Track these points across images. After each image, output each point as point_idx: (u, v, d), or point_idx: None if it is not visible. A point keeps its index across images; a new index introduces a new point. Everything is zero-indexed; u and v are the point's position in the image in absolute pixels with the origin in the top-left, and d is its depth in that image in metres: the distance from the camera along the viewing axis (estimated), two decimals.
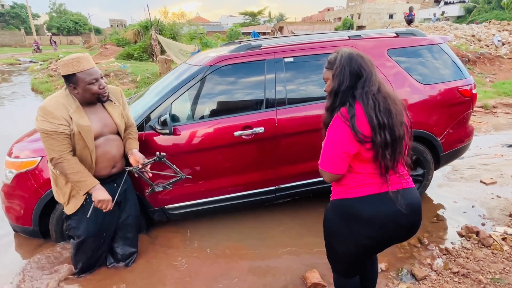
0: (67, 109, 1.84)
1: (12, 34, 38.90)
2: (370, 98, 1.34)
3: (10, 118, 7.27)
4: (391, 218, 1.37)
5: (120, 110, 2.09)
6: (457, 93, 2.88)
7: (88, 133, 1.88)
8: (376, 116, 1.31)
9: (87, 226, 2.11)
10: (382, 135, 1.30)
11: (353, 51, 1.45)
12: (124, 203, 2.28)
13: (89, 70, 1.83)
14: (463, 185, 3.53)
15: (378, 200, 1.37)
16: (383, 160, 1.33)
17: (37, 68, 14.87)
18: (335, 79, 1.42)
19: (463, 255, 2.39)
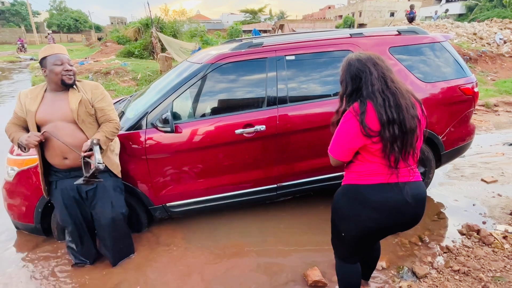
0: (28, 96, 2.08)
1: (12, 31, 38.81)
2: (378, 95, 1.42)
3: (10, 115, 7.27)
4: (397, 206, 1.47)
5: (80, 97, 2.06)
6: (459, 92, 2.88)
7: (31, 118, 2.03)
8: (386, 112, 1.39)
9: (61, 215, 2.24)
10: (390, 130, 1.38)
11: (352, 56, 1.56)
12: (92, 202, 2.22)
13: (57, 54, 2.03)
14: (464, 184, 3.53)
15: (386, 189, 1.47)
16: (391, 152, 1.41)
17: (38, 66, 14.84)
18: (341, 86, 1.58)
19: (464, 253, 2.39)
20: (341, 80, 1.58)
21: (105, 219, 2.24)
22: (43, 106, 2.05)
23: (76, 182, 1.97)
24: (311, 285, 2.15)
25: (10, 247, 2.70)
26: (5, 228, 2.89)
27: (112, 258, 2.37)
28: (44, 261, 2.49)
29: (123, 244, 2.41)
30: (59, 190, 2.18)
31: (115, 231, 2.30)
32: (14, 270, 2.42)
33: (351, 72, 1.52)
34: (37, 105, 2.04)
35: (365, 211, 1.51)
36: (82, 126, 2.07)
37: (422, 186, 1.57)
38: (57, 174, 2.18)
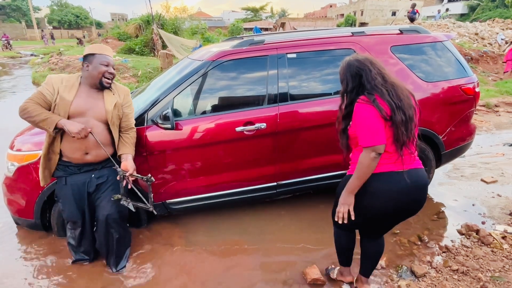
0: (62, 82, 2.07)
1: (13, 27, 38.74)
2: (381, 88, 1.58)
3: (11, 111, 7.26)
4: (400, 194, 1.61)
5: (116, 101, 2.15)
6: (460, 91, 2.87)
7: (65, 106, 2.01)
8: (392, 100, 1.55)
9: (69, 210, 2.20)
10: (399, 114, 1.53)
11: (350, 58, 1.73)
12: (98, 197, 2.21)
13: (106, 55, 2.12)
14: (464, 184, 3.53)
15: (390, 178, 1.60)
16: (402, 136, 1.54)
17: (38, 62, 14.84)
18: (342, 84, 1.74)
19: (463, 253, 2.40)
20: (342, 79, 1.73)
21: (107, 214, 2.19)
22: (78, 98, 2.05)
23: (122, 200, 2.14)
24: (310, 283, 2.16)
25: (8, 242, 2.70)
26: (3, 223, 2.89)
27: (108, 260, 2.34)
28: (43, 256, 2.50)
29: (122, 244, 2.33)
30: (69, 186, 2.16)
31: (117, 228, 2.26)
32: (13, 266, 2.43)
33: (351, 71, 1.67)
34: (73, 95, 2.04)
35: (368, 200, 1.64)
36: (112, 127, 2.14)
37: (423, 173, 1.68)
38: (67, 168, 2.15)
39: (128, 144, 2.21)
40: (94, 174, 2.18)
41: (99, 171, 2.20)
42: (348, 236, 1.95)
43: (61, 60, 12.88)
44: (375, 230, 1.86)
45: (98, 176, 2.19)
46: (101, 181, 2.20)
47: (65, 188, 2.17)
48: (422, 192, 1.68)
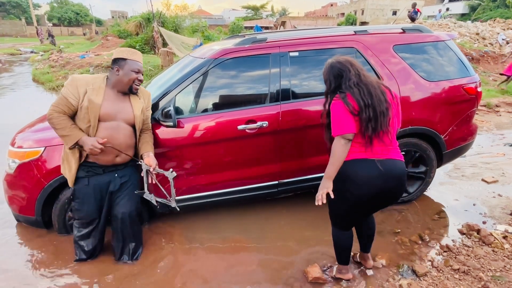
0: (88, 85, 2.03)
1: (12, 24, 38.61)
2: (353, 87, 1.76)
3: (11, 108, 7.25)
4: (373, 179, 1.74)
5: (142, 106, 2.20)
6: (462, 91, 2.87)
7: (95, 109, 2.01)
8: (362, 98, 1.72)
9: (87, 210, 2.20)
10: (367, 112, 1.70)
11: (333, 59, 1.90)
12: (118, 195, 2.26)
13: (138, 62, 2.11)
14: (464, 183, 3.53)
15: (362, 163, 1.76)
16: (366, 131, 1.71)
17: (38, 59, 14.81)
18: (326, 84, 1.93)
19: (464, 253, 2.40)
20: (325, 80, 1.92)
21: (126, 212, 2.26)
22: (107, 102, 2.06)
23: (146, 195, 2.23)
24: (311, 282, 2.16)
25: (10, 239, 2.70)
26: (4, 220, 2.89)
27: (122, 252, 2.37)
28: (44, 253, 2.50)
29: (138, 238, 2.42)
30: (92, 186, 2.17)
31: (134, 224, 2.34)
32: (13, 263, 2.43)
33: (333, 72, 1.86)
34: (101, 98, 2.03)
35: (349, 184, 1.79)
36: (137, 131, 2.21)
37: (400, 163, 1.81)
38: (91, 169, 2.17)
39: (149, 142, 2.25)
40: (118, 174, 2.22)
41: (122, 171, 2.24)
42: (346, 235, 2.04)
43: (61, 57, 12.85)
44: (363, 214, 2.01)
45: (122, 175, 2.24)
46: (124, 180, 2.25)
47: (86, 189, 2.17)
48: (398, 181, 1.79)
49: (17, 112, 6.64)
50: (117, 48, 2.14)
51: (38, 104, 7.20)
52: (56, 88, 9.14)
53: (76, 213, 2.24)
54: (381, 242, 2.57)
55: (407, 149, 2.85)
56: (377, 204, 1.90)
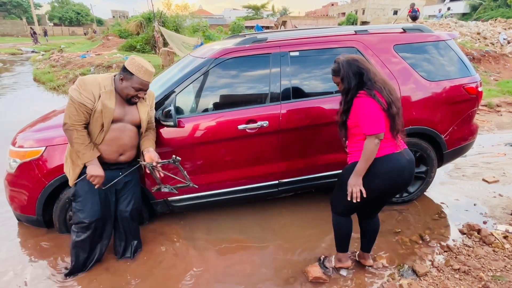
0: (101, 88, 2.01)
1: (13, 23, 38.71)
2: (379, 85, 1.83)
3: (12, 107, 7.27)
4: (401, 170, 1.87)
5: (147, 108, 2.22)
6: (463, 91, 2.87)
7: (109, 114, 2.02)
8: (388, 95, 1.82)
9: (91, 209, 2.15)
10: (394, 108, 1.81)
11: (348, 57, 1.93)
12: (122, 195, 2.29)
13: (144, 81, 2.04)
14: (465, 183, 3.53)
15: (393, 158, 1.87)
16: (395, 127, 1.83)
17: (39, 58, 14.83)
18: (344, 82, 1.91)
19: (464, 253, 2.40)
20: (343, 77, 1.90)
21: (128, 210, 2.30)
22: (118, 105, 2.07)
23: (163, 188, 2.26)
24: (311, 281, 2.16)
25: (11, 238, 2.70)
26: (5, 219, 2.89)
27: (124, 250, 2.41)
28: (45, 253, 2.50)
29: (138, 236, 2.47)
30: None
31: (136, 222, 2.39)
32: (16, 261, 2.43)
33: (352, 70, 1.87)
34: (114, 102, 2.04)
35: (373, 180, 1.86)
36: (143, 131, 2.23)
37: (409, 151, 1.97)
38: None
39: (150, 139, 2.26)
40: (122, 172, 2.22)
41: (126, 169, 2.24)
42: (347, 221, 2.10)
43: (62, 57, 12.87)
44: (375, 209, 2.10)
45: (126, 174, 2.24)
46: (127, 179, 2.26)
47: (91, 187, 2.10)
48: (414, 165, 1.96)
49: (18, 112, 6.65)
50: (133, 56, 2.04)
51: (39, 104, 7.22)
52: (57, 88, 9.15)
53: (76, 216, 2.16)
54: (382, 242, 2.57)
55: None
56: (397, 192, 2.03)
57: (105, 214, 2.24)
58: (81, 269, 2.27)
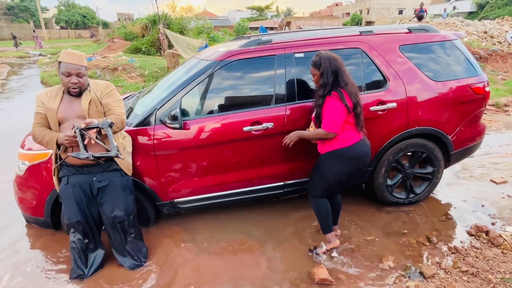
0: (48, 95, 2.14)
1: (21, 27, 39.22)
2: (349, 87, 2.13)
3: (20, 110, 7.36)
4: (367, 153, 2.26)
5: (91, 97, 2.14)
6: (470, 91, 2.84)
7: (51, 115, 2.10)
8: (355, 97, 2.13)
9: (70, 212, 2.19)
10: (358, 108, 2.15)
11: (330, 55, 2.15)
12: (102, 201, 2.25)
13: (69, 64, 2.05)
14: (473, 184, 3.49)
15: (361, 145, 2.22)
16: (359, 123, 2.18)
17: (46, 61, 15.01)
18: (323, 76, 2.14)
19: (472, 254, 2.37)
20: (323, 72, 2.13)
21: (111, 218, 2.24)
22: (62, 105, 2.12)
23: (81, 155, 1.93)
24: (317, 283, 2.16)
25: (19, 240, 2.74)
26: (14, 221, 2.94)
27: (120, 258, 2.37)
28: (52, 253, 2.53)
29: (133, 245, 2.36)
30: (70, 185, 2.18)
31: (122, 231, 2.31)
32: (21, 264, 2.47)
33: (332, 67, 2.11)
34: (57, 104, 2.11)
35: (351, 163, 2.21)
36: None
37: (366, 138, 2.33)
38: (69, 169, 2.19)
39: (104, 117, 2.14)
40: (96, 177, 2.21)
41: (101, 175, 2.21)
42: (324, 202, 2.38)
43: None
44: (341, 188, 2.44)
45: (100, 180, 2.22)
46: (102, 185, 2.21)
47: (66, 188, 2.19)
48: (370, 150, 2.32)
49: (26, 115, 6.73)
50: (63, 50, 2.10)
51: None
52: None
53: (63, 216, 2.23)
54: (388, 243, 2.56)
55: (414, 150, 2.83)
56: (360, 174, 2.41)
57: (87, 219, 2.23)
58: (81, 273, 2.27)
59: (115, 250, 2.37)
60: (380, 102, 2.66)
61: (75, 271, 2.27)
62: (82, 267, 2.28)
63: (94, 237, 2.33)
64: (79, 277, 2.26)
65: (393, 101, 2.67)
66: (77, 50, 2.13)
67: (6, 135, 5.40)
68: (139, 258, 2.39)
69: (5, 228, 2.88)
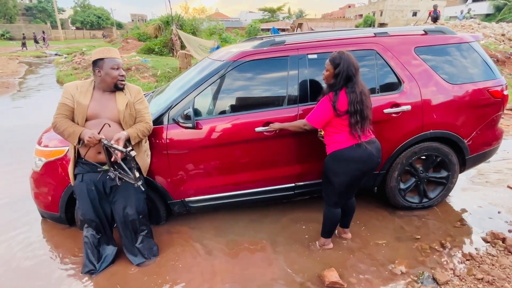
0: (78, 89, 2.16)
1: (38, 27, 40.14)
2: (353, 94, 2.09)
3: (37, 108, 7.55)
4: (365, 157, 2.17)
5: (127, 100, 2.20)
6: (487, 94, 2.77)
7: (82, 110, 2.11)
8: (354, 106, 2.09)
9: (84, 209, 2.24)
10: (354, 117, 2.10)
11: (351, 59, 2.11)
12: (114, 199, 2.29)
13: (115, 58, 2.15)
14: (488, 190, 3.40)
15: (354, 148, 2.16)
16: (354, 128, 2.12)
17: (62, 61, 15.36)
18: (336, 78, 2.12)
19: (488, 262, 2.31)
20: (338, 73, 2.10)
21: (123, 216, 2.28)
22: (94, 102, 2.14)
23: (110, 172, 2.09)
24: (328, 286, 2.13)
25: (34, 234, 2.81)
26: (30, 215, 3.01)
27: (130, 257, 2.39)
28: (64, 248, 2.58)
29: (143, 243, 2.39)
30: (84, 183, 2.22)
31: (133, 229, 2.34)
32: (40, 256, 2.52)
33: (348, 73, 2.08)
34: (88, 99, 2.12)
35: (350, 164, 2.18)
36: (125, 126, 2.19)
37: (376, 140, 2.25)
38: (84, 166, 2.23)
39: (134, 127, 2.18)
40: (109, 176, 2.21)
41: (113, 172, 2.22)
42: (337, 213, 2.39)
43: (83, 59, 13.28)
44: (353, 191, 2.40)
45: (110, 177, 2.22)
46: (115, 183, 2.22)
47: (81, 185, 2.23)
48: (379, 153, 2.25)
49: (43, 112, 6.90)
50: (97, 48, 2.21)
51: None
52: None
53: (78, 211, 2.30)
54: (400, 248, 2.52)
55: (428, 154, 2.78)
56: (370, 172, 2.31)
57: (99, 216, 2.28)
58: (93, 268, 2.30)
59: (125, 247, 2.41)
60: (394, 105, 2.62)
61: (87, 266, 2.31)
62: (94, 262, 2.31)
63: (107, 233, 2.37)
64: (90, 271, 2.30)
65: (408, 104, 2.63)
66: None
67: (23, 132, 5.54)
68: (149, 256, 2.42)
69: (24, 222, 2.95)
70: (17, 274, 2.34)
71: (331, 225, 2.45)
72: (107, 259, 2.36)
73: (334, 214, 2.39)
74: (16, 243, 2.67)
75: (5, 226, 2.90)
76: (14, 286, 2.23)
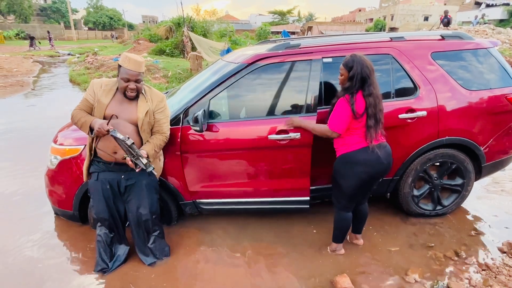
0: (102, 88, 2.19)
1: (52, 27, 40.94)
2: (371, 97, 2.08)
3: (50, 107, 7.68)
4: (375, 160, 2.14)
5: (148, 108, 2.19)
6: (505, 101, 2.72)
7: (100, 108, 2.13)
8: (371, 109, 2.08)
9: (98, 207, 2.26)
10: (371, 120, 2.10)
11: (364, 60, 2.09)
12: (128, 199, 2.31)
13: (128, 70, 2.09)
14: (504, 199, 3.33)
15: (363, 151, 2.14)
16: (369, 131, 2.11)
17: (75, 61, 15.60)
18: (351, 80, 2.11)
19: (505, 273, 2.26)
20: (353, 75, 2.08)
21: (136, 216, 2.30)
22: (114, 102, 2.16)
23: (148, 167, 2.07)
24: None
25: (48, 231, 2.84)
26: (44, 212, 3.05)
27: (142, 256, 2.41)
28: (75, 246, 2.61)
29: (155, 244, 2.41)
30: (100, 182, 2.24)
31: (146, 229, 2.36)
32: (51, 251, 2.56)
33: (362, 74, 2.06)
34: (109, 99, 2.15)
35: (358, 168, 2.16)
36: (142, 133, 2.21)
37: (386, 144, 2.23)
38: (99, 164, 2.25)
39: (152, 143, 2.20)
40: (124, 176, 2.26)
41: (128, 173, 2.25)
42: (348, 217, 2.37)
43: (96, 59, 13.48)
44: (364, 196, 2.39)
45: (127, 178, 2.27)
46: (130, 183, 2.26)
47: (95, 184, 2.25)
48: (390, 157, 2.23)
49: (56, 111, 7.01)
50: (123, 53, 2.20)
51: (74, 104, 7.58)
52: None
53: (92, 210, 2.32)
54: (414, 255, 2.48)
55: (443, 160, 2.74)
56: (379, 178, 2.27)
57: (113, 215, 2.29)
58: (105, 266, 2.32)
59: (137, 247, 2.42)
60: (409, 110, 2.58)
61: (99, 264, 2.32)
62: (107, 260, 2.33)
63: (119, 232, 2.39)
64: (102, 270, 2.31)
65: (423, 109, 2.59)
66: (136, 55, 2.17)
67: (38, 131, 5.64)
68: (161, 256, 2.43)
69: (36, 219, 3.00)
70: (29, 271, 2.37)
71: (342, 230, 2.44)
72: (119, 258, 2.37)
73: (344, 218, 2.37)
74: (29, 240, 2.71)
75: (18, 222, 2.94)
76: (26, 283, 2.26)
